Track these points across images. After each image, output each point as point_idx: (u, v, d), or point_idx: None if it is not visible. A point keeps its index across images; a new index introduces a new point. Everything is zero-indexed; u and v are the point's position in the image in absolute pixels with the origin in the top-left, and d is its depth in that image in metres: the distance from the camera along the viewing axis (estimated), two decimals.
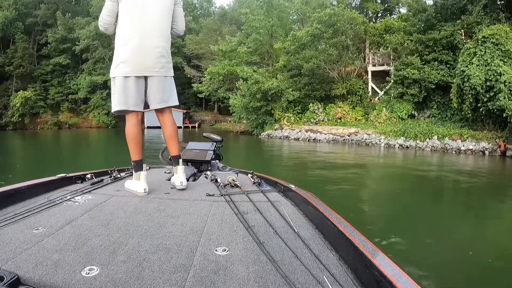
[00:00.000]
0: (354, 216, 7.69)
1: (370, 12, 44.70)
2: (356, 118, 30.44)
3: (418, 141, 23.31)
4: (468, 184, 12.31)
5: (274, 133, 32.73)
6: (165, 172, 3.84)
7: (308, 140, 28.85)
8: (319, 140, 28.32)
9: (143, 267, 1.53)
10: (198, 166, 4.35)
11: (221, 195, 2.87)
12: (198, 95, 54.92)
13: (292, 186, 2.92)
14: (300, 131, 30.69)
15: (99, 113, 59.21)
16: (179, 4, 3.39)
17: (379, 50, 32.89)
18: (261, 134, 34.48)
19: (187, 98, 65.36)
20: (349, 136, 27.11)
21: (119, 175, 3.59)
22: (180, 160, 3.24)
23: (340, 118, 30.98)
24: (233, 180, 3.21)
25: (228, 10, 67.70)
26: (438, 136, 22.78)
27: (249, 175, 3.59)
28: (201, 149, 4.56)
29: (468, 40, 25.44)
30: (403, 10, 40.17)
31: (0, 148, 29.78)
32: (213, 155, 4.52)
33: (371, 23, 36.78)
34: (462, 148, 21.27)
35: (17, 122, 56.82)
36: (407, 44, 29.24)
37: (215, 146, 4.65)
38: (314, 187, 10.55)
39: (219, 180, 3.27)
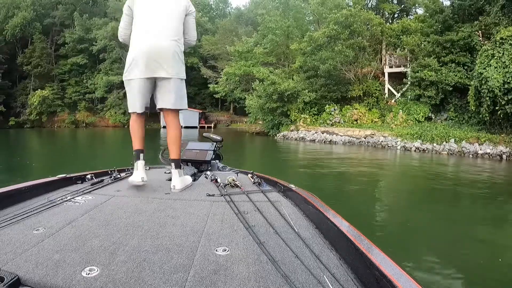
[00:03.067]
0: (368, 222, 7.68)
1: (386, 13, 44.39)
2: (373, 120, 30.39)
3: (435, 144, 23.06)
4: (485, 190, 12.16)
5: (289, 134, 32.73)
6: (165, 172, 3.83)
7: (324, 142, 28.78)
8: (335, 142, 28.22)
9: (143, 267, 1.54)
10: (198, 166, 4.35)
11: (221, 195, 2.87)
12: (214, 95, 55.53)
13: (292, 186, 2.93)
14: (316, 132, 30.64)
15: (115, 112, 59.97)
16: (191, 15, 3.47)
17: (395, 52, 32.72)
18: (277, 135, 34.49)
19: (203, 98, 65.73)
20: (365, 138, 27.01)
21: (119, 176, 3.60)
22: (173, 164, 3.22)
23: (356, 120, 30.92)
24: (233, 180, 3.22)
25: (244, 11, 67.66)
26: (455, 139, 22.52)
27: (249, 175, 3.60)
28: (201, 149, 4.57)
29: (486, 42, 25.21)
30: (420, 11, 39.82)
31: (17, 145, 30.17)
32: (213, 155, 4.53)
33: (388, 24, 36.59)
34: (479, 152, 21.01)
35: (34, 120, 58.65)
36: (424, 45, 29.01)
37: (215, 146, 4.66)
38: (328, 192, 10.56)
39: (219, 180, 3.27)
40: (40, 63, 61.00)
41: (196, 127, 54.57)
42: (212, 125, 58.89)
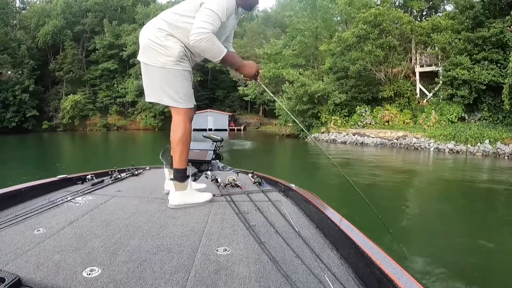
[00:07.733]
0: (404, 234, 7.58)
1: (414, 11, 43.77)
2: (404, 121, 30.09)
3: (469, 145, 22.69)
4: None
5: (320, 136, 32.68)
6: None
7: (355, 144, 28.72)
8: (367, 143, 28.15)
9: (144, 267, 1.55)
10: (199, 166, 4.32)
11: (222, 195, 2.89)
12: (243, 98, 55.69)
13: (293, 186, 2.94)
14: (347, 134, 30.58)
15: (146, 116, 61.05)
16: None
17: (426, 50, 32.26)
18: (307, 137, 34.39)
19: (233, 101, 66.63)
20: (397, 139, 26.77)
21: (119, 176, 3.64)
22: (169, 174, 2.88)
23: (388, 121, 30.68)
24: (233, 180, 3.25)
25: (271, 13, 68.01)
26: (489, 140, 22.11)
27: (250, 175, 3.66)
28: (201, 149, 4.51)
29: None
30: (449, 8, 39.17)
31: (49, 145, 30.78)
32: (214, 155, 4.51)
33: (417, 22, 36.04)
34: None
35: (67, 124, 61.03)
36: (455, 43, 28.41)
37: (215, 146, 4.64)
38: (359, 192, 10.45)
39: (219, 180, 3.29)
40: (71, 69, 63.28)
41: (226, 130, 54.93)
42: (242, 127, 59.41)
